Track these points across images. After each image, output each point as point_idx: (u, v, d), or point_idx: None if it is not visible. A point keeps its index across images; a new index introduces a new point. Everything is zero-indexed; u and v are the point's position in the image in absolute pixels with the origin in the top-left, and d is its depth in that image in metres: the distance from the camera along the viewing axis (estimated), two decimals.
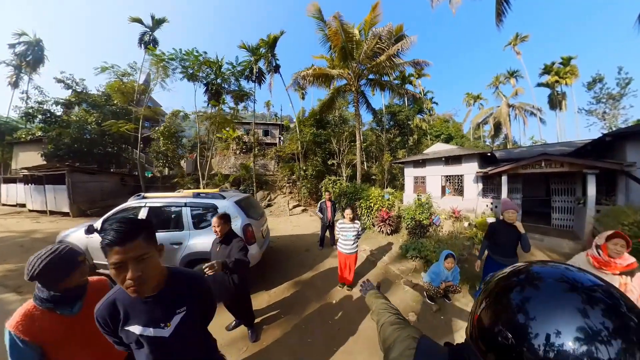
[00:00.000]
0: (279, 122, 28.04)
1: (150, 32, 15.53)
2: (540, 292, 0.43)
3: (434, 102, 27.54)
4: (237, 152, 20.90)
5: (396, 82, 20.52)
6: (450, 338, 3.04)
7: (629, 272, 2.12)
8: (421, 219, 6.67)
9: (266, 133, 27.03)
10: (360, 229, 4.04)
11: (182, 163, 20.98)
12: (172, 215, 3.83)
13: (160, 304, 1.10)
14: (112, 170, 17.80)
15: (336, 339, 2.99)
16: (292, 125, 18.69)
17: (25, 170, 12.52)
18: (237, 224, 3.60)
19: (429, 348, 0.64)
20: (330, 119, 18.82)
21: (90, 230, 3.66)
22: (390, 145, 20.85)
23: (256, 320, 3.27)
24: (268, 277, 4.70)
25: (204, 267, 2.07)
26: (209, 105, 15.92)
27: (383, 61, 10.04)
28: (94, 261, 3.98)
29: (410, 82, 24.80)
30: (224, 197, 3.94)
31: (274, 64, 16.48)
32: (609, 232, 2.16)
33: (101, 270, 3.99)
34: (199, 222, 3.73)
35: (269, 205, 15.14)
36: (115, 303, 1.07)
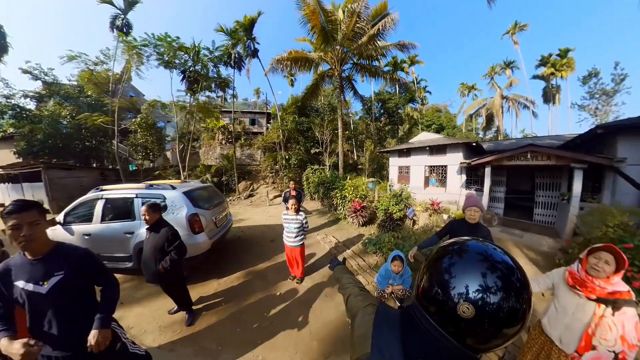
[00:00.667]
0: (267, 111, 26.61)
1: (123, 15, 13.92)
2: (462, 260, 0.60)
3: (427, 91, 26.70)
4: (223, 142, 20.04)
5: (387, 68, 19.62)
6: None
7: (612, 302, 1.54)
8: (394, 211, 6.16)
9: (253, 122, 25.96)
10: (304, 221, 3.84)
11: (168, 154, 20.12)
12: (125, 206, 3.97)
13: (42, 265, 1.45)
14: (93, 165, 17.22)
15: (265, 332, 3.01)
16: (279, 114, 17.86)
17: (0, 169, 12.19)
18: (182, 214, 3.81)
19: (386, 311, 0.77)
20: (319, 107, 17.94)
21: (51, 223, 4.00)
22: (380, 134, 20.24)
23: (198, 306, 3.48)
24: (224, 265, 4.79)
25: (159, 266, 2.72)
26: (187, 94, 14.98)
27: (365, 43, 9.21)
28: None
29: (403, 69, 23.79)
30: (173, 188, 4.08)
31: (253, 48, 15.23)
32: (599, 245, 1.60)
33: None
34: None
35: (250, 196, 14.75)
36: (9, 265, 1.45)
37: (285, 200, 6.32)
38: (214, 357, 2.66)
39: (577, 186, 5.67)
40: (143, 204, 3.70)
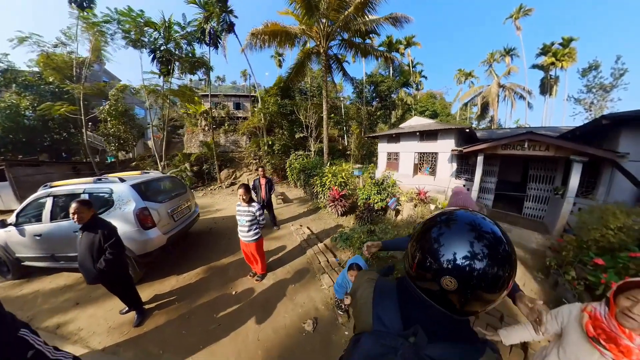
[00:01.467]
0: (252, 94, 23.94)
1: None
2: (450, 229, 0.61)
3: (423, 76, 25.60)
4: (206, 128, 18.71)
5: (382, 49, 18.37)
6: None
7: None
8: (375, 200, 5.60)
9: (238, 106, 24.04)
10: (258, 213, 3.43)
11: (151, 144, 18.73)
12: None
13: None
14: (68, 159, 15.78)
15: (210, 336, 2.82)
16: (258, 95, 16.68)
17: None
18: (130, 209, 3.57)
19: (383, 284, 0.79)
20: (307, 89, 16.67)
21: (3, 224, 3.86)
22: (371, 119, 19.35)
23: (151, 305, 3.33)
24: (186, 260, 4.54)
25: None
26: (160, 76, 13.56)
27: (352, 14, 8.21)
28: (16, 255, 3.97)
29: (398, 51, 22.44)
30: (122, 181, 3.84)
31: (229, 22, 13.49)
32: (633, 279, 1.01)
33: (27, 263, 4.03)
34: (98, 207, 3.60)
35: (233, 184, 14.05)
36: None
37: (254, 189, 5.90)
38: None
39: (574, 180, 5.19)
40: (90, 198, 3.58)
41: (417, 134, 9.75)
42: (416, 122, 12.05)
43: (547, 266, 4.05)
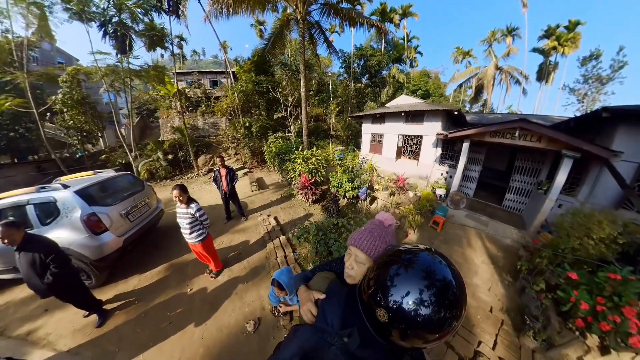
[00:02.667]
0: (231, 69, 19.26)
1: None
2: (407, 272, 0.64)
3: (418, 52, 23.90)
4: (182, 111, 16.69)
5: (374, 17, 16.70)
6: None
7: None
8: (347, 188, 5.10)
9: (215, 83, 21.52)
10: (198, 214, 3.24)
11: (122, 131, 16.66)
12: (20, 215, 3.58)
13: None
14: (25, 159, 13.88)
15: (160, 334, 2.95)
16: (230, 69, 14.99)
17: None
18: (76, 215, 3.48)
19: (335, 286, 0.90)
20: (290, 62, 14.78)
21: None
22: (359, 97, 18.16)
23: (113, 305, 3.44)
24: (149, 259, 4.51)
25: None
26: (118, 55, 11.62)
27: None
28: None
29: (392, 21, 20.34)
30: (65, 187, 3.67)
31: None
32: None
33: None
34: (45, 217, 3.57)
35: (210, 171, 13.10)
36: None
37: (215, 181, 5.40)
38: (109, 359, 2.69)
39: (562, 176, 4.79)
40: (35, 208, 3.52)
41: (403, 114, 9.07)
42: (403, 101, 11.24)
43: (517, 269, 3.78)
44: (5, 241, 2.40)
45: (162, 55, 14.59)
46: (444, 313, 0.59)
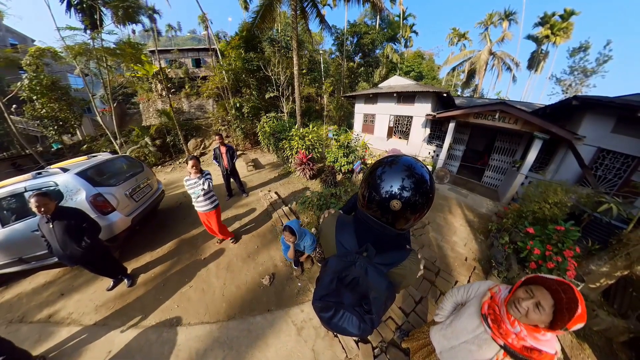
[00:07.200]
0: (215, 46, 17.26)
1: None
2: (391, 168, 0.79)
3: (414, 31, 23.68)
4: (164, 93, 15.44)
5: None
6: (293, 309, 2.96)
7: None
8: (342, 163, 5.54)
9: (197, 62, 19.59)
10: (206, 184, 3.37)
11: (99, 119, 15.10)
12: (20, 203, 3.53)
13: None
14: (6, 156, 12.31)
15: (182, 297, 3.19)
16: (216, 46, 13.98)
17: None
18: (81, 197, 3.47)
19: (343, 218, 1.03)
20: (281, 39, 14.16)
21: None
22: (351, 76, 17.98)
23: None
24: (157, 237, 4.63)
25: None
26: (86, 30, 9.95)
27: None
28: None
29: None
30: (65, 171, 3.61)
31: None
32: (543, 275, 0.99)
33: None
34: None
35: (202, 154, 13.03)
36: None
37: (216, 158, 5.56)
38: (137, 324, 2.87)
39: (532, 155, 5.44)
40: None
41: (395, 95, 9.42)
42: (395, 82, 11.53)
43: (488, 230, 4.42)
44: (42, 210, 2.51)
45: (133, 31, 13.46)
46: (428, 193, 0.77)
